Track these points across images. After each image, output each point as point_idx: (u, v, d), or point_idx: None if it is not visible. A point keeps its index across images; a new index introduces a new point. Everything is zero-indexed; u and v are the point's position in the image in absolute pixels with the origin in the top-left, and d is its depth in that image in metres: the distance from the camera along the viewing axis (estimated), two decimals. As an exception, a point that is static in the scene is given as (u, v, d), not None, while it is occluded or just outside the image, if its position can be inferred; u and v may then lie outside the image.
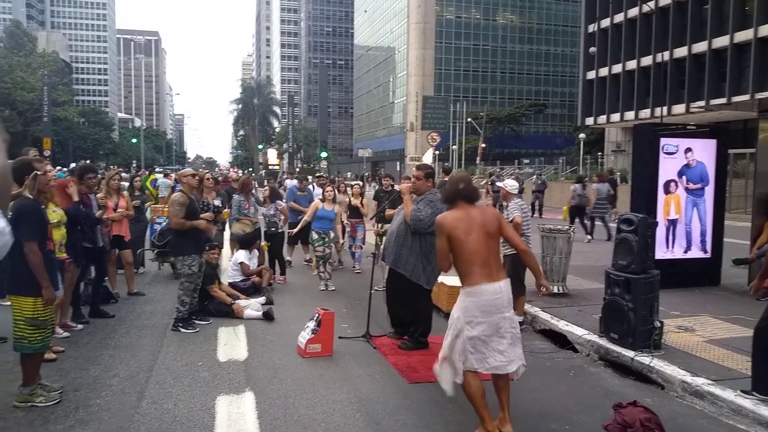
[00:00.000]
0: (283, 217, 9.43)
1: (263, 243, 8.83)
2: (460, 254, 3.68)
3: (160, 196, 12.42)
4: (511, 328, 3.70)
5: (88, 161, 34.84)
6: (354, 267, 10.01)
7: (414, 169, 5.97)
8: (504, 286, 3.70)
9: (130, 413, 4.02)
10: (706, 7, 32.75)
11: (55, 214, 5.34)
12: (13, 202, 4.23)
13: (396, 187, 10.01)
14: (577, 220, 14.05)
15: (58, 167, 19.30)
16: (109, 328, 6.17)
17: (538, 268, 4.01)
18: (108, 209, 7.30)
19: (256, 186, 10.59)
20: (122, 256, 7.82)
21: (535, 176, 23.70)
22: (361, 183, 11.02)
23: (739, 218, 15.73)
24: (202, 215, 6.41)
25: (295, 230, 8.70)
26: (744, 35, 30.37)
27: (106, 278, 7.76)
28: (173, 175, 17.52)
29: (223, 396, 4.37)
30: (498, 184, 7.20)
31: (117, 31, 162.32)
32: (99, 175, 7.26)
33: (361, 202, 10.08)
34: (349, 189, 10.62)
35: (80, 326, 6.12)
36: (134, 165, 63.36)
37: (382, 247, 6.04)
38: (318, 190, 11.12)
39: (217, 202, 8.57)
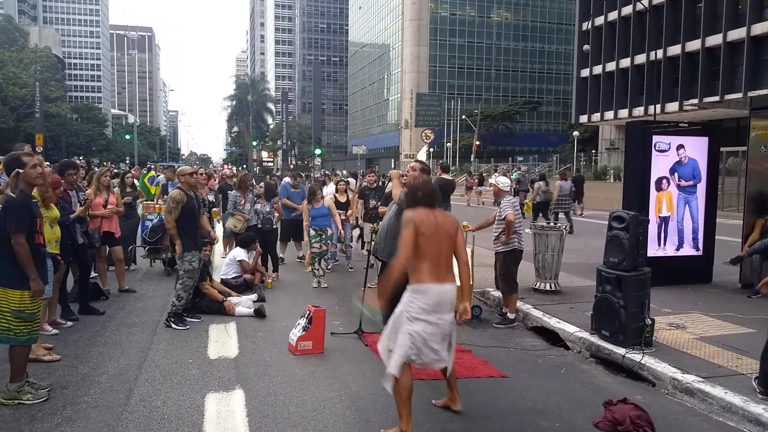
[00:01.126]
0: (277, 215, 9.41)
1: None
2: (417, 250, 3.74)
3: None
4: (451, 331, 3.84)
5: (81, 157, 34.68)
6: (347, 264, 9.98)
7: (412, 162, 5.99)
8: (450, 288, 3.78)
9: (118, 411, 3.99)
10: (700, 6, 32.84)
11: (53, 210, 5.32)
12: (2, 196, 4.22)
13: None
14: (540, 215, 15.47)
15: (47, 164, 19.15)
16: (98, 325, 6.12)
17: (469, 287, 4.10)
18: (97, 206, 7.28)
19: (253, 182, 10.59)
20: (113, 253, 7.76)
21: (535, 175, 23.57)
22: (351, 180, 10.96)
23: (731, 216, 15.80)
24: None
25: (306, 237, 8.69)
26: (737, 34, 30.47)
27: (95, 275, 7.73)
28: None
29: (213, 393, 4.34)
30: (491, 181, 7.18)
31: (110, 26, 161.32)
32: (81, 171, 7.24)
33: (348, 199, 10.04)
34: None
35: (69, 323, 6.08)
36: (127, 161, 63.11)
37: (374, 243, 6.02)
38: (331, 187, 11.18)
39: (211, 198, 8.53)
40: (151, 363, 4.99)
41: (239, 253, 8.04)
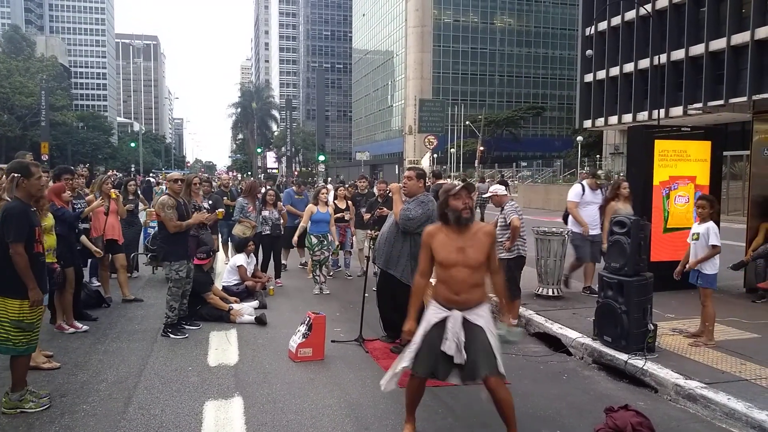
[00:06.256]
0: (282, 221, 9.42)
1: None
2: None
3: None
4: None
5: (86, 165, 34.82)
6: (346, 272, 9.95)
7: (406, 170, 5.95)
8: None
9: (116, 419, 3.97)
10: (703, 10, 32.82)
11: (47, 218, 5.33)
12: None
13: (374, 189, 9.94)
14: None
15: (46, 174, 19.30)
16: (99, 332, 6.12)
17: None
18: (98, 213, 7.32)
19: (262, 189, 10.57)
20: (115, 260, 7.77)
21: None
22: (329, 186, 10.95)
23: (736, 220, 15.70)
24: (196, 213, 6.36)
25: (296, 237, 8.69)
26: (741, 37, 30.43)
27: (98, 284, 7.75)
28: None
29: (212, 401, 4.32)
30: (492, 189, 7.12)
31: (116, 35, 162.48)
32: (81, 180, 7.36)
33: (348, 205, 10.03)
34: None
35: (86, 327, 6.18)
36: (132, 169, 63.40)
37: (373, 249, 6.01)
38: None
39: (206, 205, 8.52)
40: (151, 371, 4.98)
41: (239, 259, 8.04)
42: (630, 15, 37.65)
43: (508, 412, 3.50)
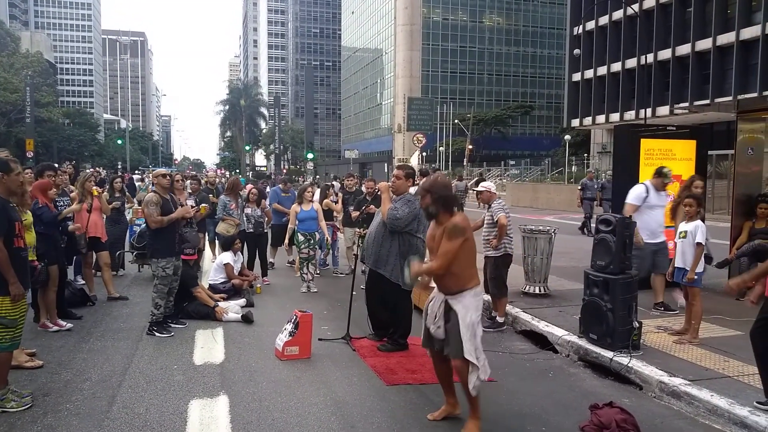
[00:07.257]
0: (266, 219, 9.38)
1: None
2: (469, 256, 3.84)
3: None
4: None
5: (71, 163, 34.52)
6: (334, 270, 9.96)
7: (395, 168, 5.95)
8: None
9: (100, 418, 3.94)
10: (689, 10, 33.09)
11: (26, 215, 5.26)
12: None
13: (363, 188, 9.93)
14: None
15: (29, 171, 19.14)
16: (84, 331, 6.06)
17: None
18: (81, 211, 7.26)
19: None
20: (99, 258, 7.70)
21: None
22: (336, 184, 10.93)
23: (722, 219, 15.87)
24: (180, 208, 6.32)
25: (286, 241, 8.68)
26: (726, 38, 30.72)
27: (83, 282, 7.68)
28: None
29: (197, 400, 4.29)
30: (483, 185, 7.09)
31: (102, 31, 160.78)
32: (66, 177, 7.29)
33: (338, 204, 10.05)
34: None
35: (70, 325, 6.12)
36: (119, 166, 62.90)
37: (362, 247, 6.00)
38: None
39: (191, 202, 8.46)
40: (136, 369, 4.94)
41: (226, 257, 8.00)
42: (618, 15, 37.89)
43: (468, 397, 3.80)
